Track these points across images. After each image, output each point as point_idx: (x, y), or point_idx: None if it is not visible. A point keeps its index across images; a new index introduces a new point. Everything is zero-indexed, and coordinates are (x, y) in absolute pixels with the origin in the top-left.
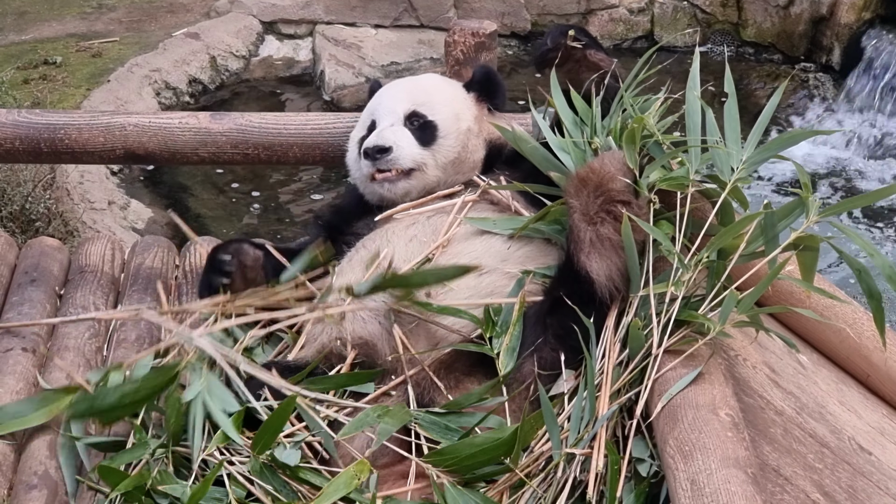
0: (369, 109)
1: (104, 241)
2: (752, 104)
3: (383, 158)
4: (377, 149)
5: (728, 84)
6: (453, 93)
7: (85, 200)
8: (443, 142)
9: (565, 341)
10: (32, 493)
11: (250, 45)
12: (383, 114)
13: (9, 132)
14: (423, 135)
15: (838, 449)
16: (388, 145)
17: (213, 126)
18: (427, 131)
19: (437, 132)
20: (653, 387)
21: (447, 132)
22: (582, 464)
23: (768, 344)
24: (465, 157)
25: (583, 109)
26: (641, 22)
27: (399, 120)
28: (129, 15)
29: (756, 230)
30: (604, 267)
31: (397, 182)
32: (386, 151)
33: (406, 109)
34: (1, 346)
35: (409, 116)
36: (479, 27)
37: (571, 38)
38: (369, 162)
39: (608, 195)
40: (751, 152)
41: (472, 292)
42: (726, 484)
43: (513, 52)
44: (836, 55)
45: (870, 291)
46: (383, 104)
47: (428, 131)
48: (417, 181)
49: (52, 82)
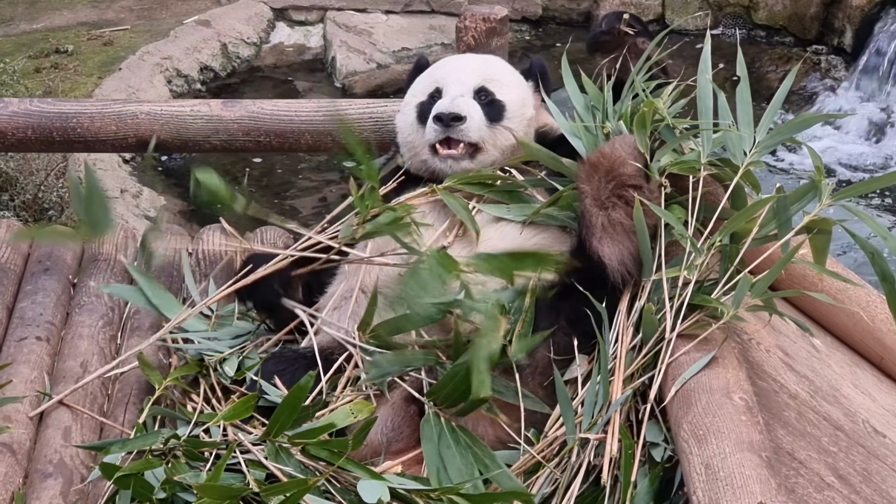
0: (432, 77)
1: (117, 229)
2: (764, 87)
3: (456, 127)
4: (452, 115)
5: (740, 67)
6: (519, 78)
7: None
8: (508, 123)
9: (578, 326)
10: (48, 481)
11: (261, 32)
12: (452, 83)
13: (21, 121)
14: (490, 111)
15: (852, 432)
16: (464, 114)
17: (225, 113)
18: (495, 108)
19: (505, 112)
20: (666, 371)
21: (513, 114)
22: (596, 448)
23: (782, 327)
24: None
25: (594, 94)
26: (653, 6)
27: (469, 92)
28: (140, 3)
29: (769, 214)
30: (616, 251)
31: (461, 161)
32: (460, 120)
33: (476, 83)
34: (15, 335)
35: (479, 91)
36: (490, 12)
37: (625, 24)
38: (440, 127)
39: (619, 180)
40: (763, 135)
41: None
42: (740, 468)
43: (524, 38)
44: (848, 37)
45: (883, 274)
46: (452, 74)
47: (496, 109)
48: (477, 163)
49: (64, 71)
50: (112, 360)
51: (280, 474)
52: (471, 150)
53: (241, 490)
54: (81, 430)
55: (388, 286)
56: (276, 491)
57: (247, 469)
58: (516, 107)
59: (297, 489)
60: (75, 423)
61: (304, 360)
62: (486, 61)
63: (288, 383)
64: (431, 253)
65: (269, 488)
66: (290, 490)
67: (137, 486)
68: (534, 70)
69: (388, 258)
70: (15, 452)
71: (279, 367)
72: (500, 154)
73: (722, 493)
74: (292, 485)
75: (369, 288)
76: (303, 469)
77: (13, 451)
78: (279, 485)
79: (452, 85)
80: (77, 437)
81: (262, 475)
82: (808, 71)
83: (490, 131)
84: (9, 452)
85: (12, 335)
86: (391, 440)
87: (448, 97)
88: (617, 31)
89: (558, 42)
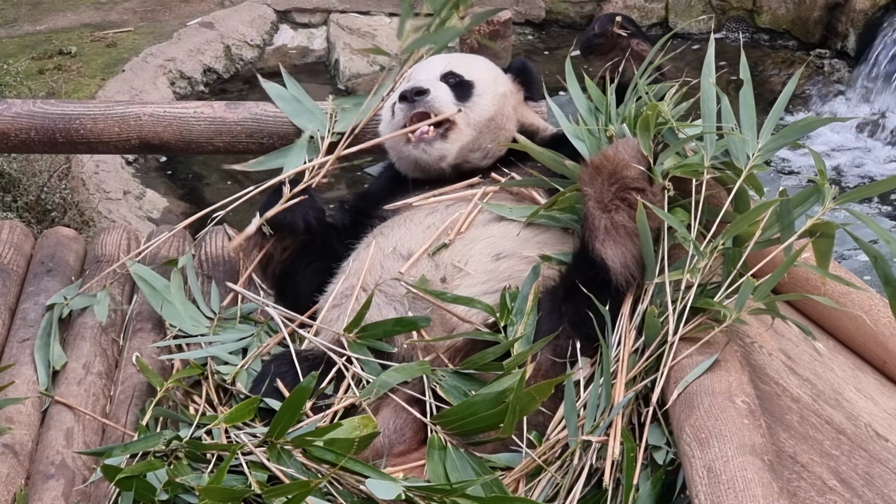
0: (404, 78)
1: (120, 230)
2: (768, 91)
3: (421, 100)
4: (415, 90)
5: (743, 71)
6: (491, 65)
7: (100, 190)
8: (478, 100)
9: (581, 329)
10: (50, 482)
11: (265, 34)
12: (418, 72)
13: (24, 122)
14: (459, 91)
15: (855, 436)
16: (426, 87)
17: (229, 115)
18: (463, 88)
19: (474, 89)
20: (669, 374)
21: (483, 91)
22: (598, 451)
23: (784, 331)
24: (501, 123)
25: (597, 97)
26: (656, 9)
27: (435, 77)
28: (144, 5)
29: (772, 217)
30: (619, 254)
31: (433, 143)
32: (424, 93)
33: (442, 68)
34: (17, 336)
35: (445, 75)
36: (493, 15)
37: (618, 26)
38: (405, 105)
39: (622, 182)
40: (766, 139)
41: (489, 277)
42: (743, 471)
43: (527, 40)
44: (852, 41)
45: (886, 278)
46: (418, 67)
47: (464, 88)
48: (452, 143)
49: (67, 72)
50: (114, 362)
51: (282, 476)
52: (441, 130)
53: (243, 492)
54: (83, 432)
55: (390, 285)
56: (277, 493)
57: (248, 471)
58: (486, 84)
59: (300, 491)
60: (77, 425)
61: (305, 361)
62: (456, 54)
63: (290, 385)
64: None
65: (270, 490)
66: (293, 492)
67: (140, 488)
68: (514, 67)
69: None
70: (17, 453)
71: (281, 368)
72: (477, 132)
73: (724, 497)
74: (294, 486)
75: (370, 287)
76: (305, 471)
77: (15, 451)
78: (281, 486)
79: (418, 73)
80: (79, 438)
81: (264, 477)
82: (811, 75)
83: (462, 106)
84: (11, 453)
85: (15, 336)
86: (393, 442)
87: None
88: (610, 34)
89: (562, 45)
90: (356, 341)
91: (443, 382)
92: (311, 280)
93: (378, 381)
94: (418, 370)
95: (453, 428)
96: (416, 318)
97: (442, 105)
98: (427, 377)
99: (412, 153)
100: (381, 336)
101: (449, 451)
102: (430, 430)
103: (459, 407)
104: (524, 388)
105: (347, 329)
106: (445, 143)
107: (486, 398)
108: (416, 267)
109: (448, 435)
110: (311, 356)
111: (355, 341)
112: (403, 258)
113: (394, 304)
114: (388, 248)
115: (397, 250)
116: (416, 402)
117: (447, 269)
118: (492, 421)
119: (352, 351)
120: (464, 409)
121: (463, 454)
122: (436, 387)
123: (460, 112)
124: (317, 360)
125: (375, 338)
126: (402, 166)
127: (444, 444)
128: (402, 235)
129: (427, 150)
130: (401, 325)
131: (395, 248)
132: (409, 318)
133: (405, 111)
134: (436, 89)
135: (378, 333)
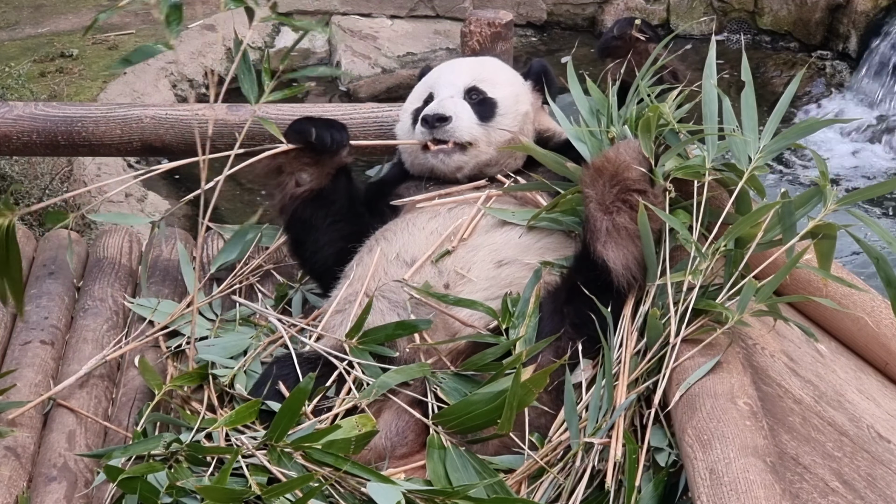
0: (426, 83)
1: (121, 233)
2: (769, 92)
3: (442, 127)
4: (437, 117)
5: (745, 72)
6: (513, 76)
7: (102, 193)
8: (500, 120)
9: (583, 330)
10: (52, 484)
11: (266, 36)
12: (442, 85)
13: (26, 125)
14: (481, 109)
15: (857, 437)
16: (449, 115)
17: (230, 118)
18: (486, 107)
19: (497, 109)
20: (671, 376)
21: (506, 111)
22: (600, 453)
23: (786, 332)
24: (520, 141)
25: (599, 99)
26: (657, 11)
27: (459, 93)
28: (145, 7)
29: (773, 219)
30: (620, 256)
31: (452, 154)
32: (445, 121)
33: (466, 84)
34: (20, 338)
35: (469, 91)
36: (495, 17)
37: (637, 29)
38: (426, 129)
39: (624, 184)
40: (768, 141)
41: (491, 283)
42: (745, 473)
43: (529, 42)
44: (853, 43)
45: (888, 279)
46: (443, 77)
47: (487, 107)
48: (471, 157)
49: (69, 75)
50: (116, 365)
51: (282, 478)
52: (461, 144)
53: (243, 492)
54: (85, 434)
55: (393, 291)
56: (277, 492)
57: (249, 473)
58: (509, 103)
59: (302, 485)
60: (79, 427)
61: (307, 364)
62: (480, 62)
63: (292, 388)
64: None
65: (271, 489)
66: (293, 489)
67: (143, 490)
68: (534, 70)
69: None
70: (19, 456)
71: (283, 371)
72: (495, 150)
73: (726, 499)
74: (294, 483)
75: (373, 293)
76: (305, 473)
77: (17, 454)
78: (280, 485)
79: (443, 87)
80: (81, 440)
81: (265, 479)
82: (812, 76)
83: (484, 129)
84: (13, 456)
85: (17, 339)
86: (395, 444)
87: (437, 99)
88: (629, 37)
89: (563, 47)
90: (358, 347)
91: (443, 384)
92: (332, 240)
93: (378, 382)
94: (418, 371)
95: (452, 426)
96: (417, 321)
97: (463, 134)
98: (427, 379)
99: (430, 161)
100: (383, 340)
101: (449, 450)
102: (431, 430)
103: (458, 405)
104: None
105: (349, 335)
106: (464, 156)
107: (485, 396)
108: (420, 273)
109: (448, 434)
110: (313, 358)
111: (357, 347)
112: (407, 264)
113: (397, 309)
114: (392, 255)
115: (400, 256)
116: (419, 404)
117: (450, 276)
118: (490, 417)
119: (354, 356)
120: (462, 407)
121: (463, 454)
122: (437, 389)
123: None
124: (319, 362)
125: (377, 342)
126: (416, 170)
127: (444, 444)
128: (405, 241)
129: (445, 160)
130: (402, 329)
131: (399, 255)
132: (410, 321)
133: (426, 134)
134: (458, 116)
135: (380, 338)
